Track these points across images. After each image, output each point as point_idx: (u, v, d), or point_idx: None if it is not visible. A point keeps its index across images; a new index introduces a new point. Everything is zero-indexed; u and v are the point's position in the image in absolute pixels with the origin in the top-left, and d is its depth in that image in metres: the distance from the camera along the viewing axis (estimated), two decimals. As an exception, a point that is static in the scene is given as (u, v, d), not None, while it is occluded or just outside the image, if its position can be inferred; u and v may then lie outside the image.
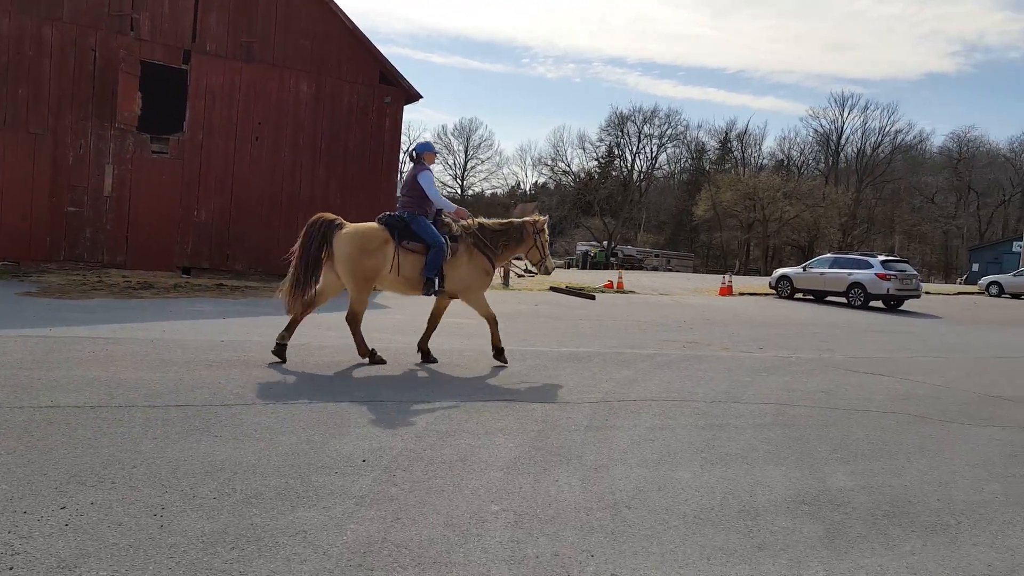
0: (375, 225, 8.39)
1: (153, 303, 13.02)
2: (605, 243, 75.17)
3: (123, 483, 4.21)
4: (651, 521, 4.21)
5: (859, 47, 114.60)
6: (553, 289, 22.01)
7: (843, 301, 23.75)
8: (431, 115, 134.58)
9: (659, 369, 9.24)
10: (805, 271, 25.55)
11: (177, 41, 17.79)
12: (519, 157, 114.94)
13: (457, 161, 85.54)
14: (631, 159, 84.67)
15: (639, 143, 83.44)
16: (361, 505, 4.14)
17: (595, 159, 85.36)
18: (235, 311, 12.31)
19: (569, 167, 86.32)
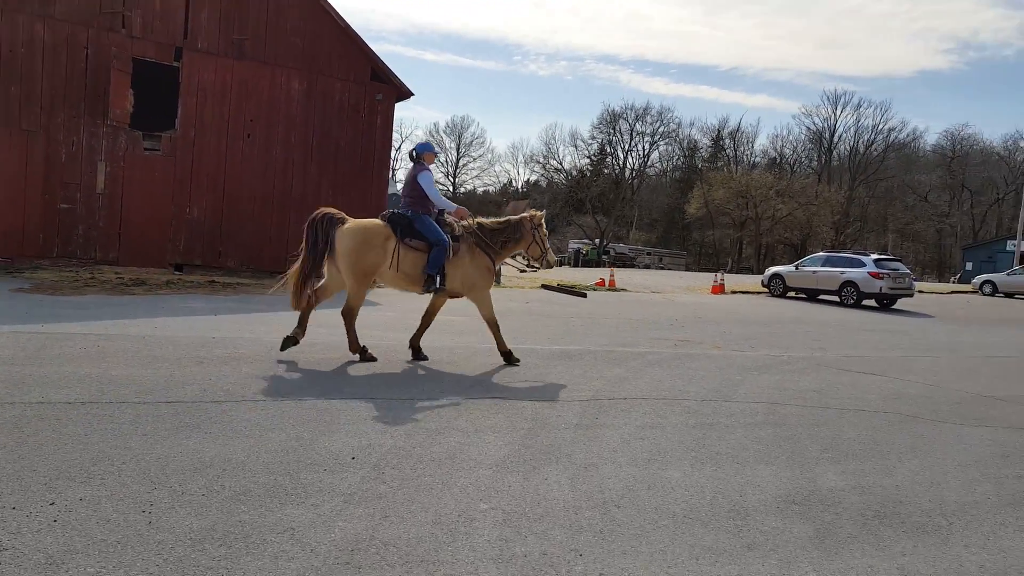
0: (377, 221, 8.42)
1: (145, 300, 12.99)
2: (597, 241, 75.13)
3: (112, 479, 4.20)
4: (640, 520, 4.22)
5: (852, 44, 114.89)
6: (545, 287, 22.02)
7: (836, 300, 23.78)
8: (423, 112, 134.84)
9: (650, 367, 9.25)
10: (798, 269, 25.52)
11: (169, 38, 17.73)
12: (511, 155, 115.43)
13: (449, 159, 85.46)
14: (623, 157, 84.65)
15: (631, 141, 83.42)
16: (350, 502, 4.13)
17: (587, 157, 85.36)
18: (227, 308, 12.27)
19: (561, 165, 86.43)
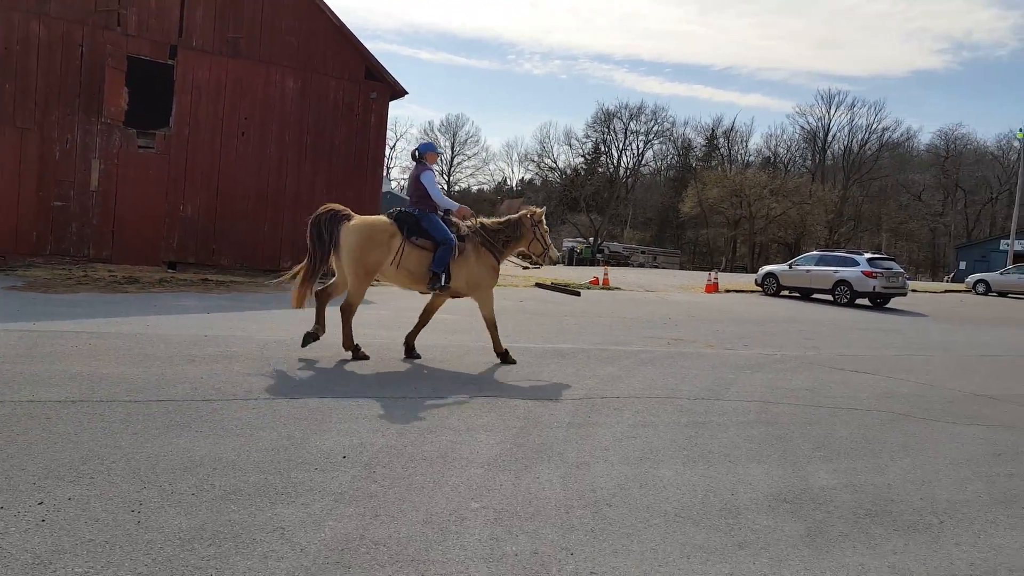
0: (383, 218, 8.42)
1: (138, 298, 12.94)
2: (591, 239, 75.14)
3: (102, 478, 4.18)
4: (632, 519, 4.21)
5: (846, 44, 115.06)
6: (539, 285, 21.99)
7: (829, 299, 23.81)
8: (418, 111, 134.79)
9: (643, 366, 9.26)
10: (791, 268, 25.55)
11: (164, 36, 17.69)
12: (505, 153, 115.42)
13: (444, 157, 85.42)
14: (617, 155, 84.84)
15: (625, 139, 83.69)
16: (340, 502, 4.12)
17: (581, 155, 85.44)
18: (219, 306, 12.23)
19: (555, 163, 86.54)
